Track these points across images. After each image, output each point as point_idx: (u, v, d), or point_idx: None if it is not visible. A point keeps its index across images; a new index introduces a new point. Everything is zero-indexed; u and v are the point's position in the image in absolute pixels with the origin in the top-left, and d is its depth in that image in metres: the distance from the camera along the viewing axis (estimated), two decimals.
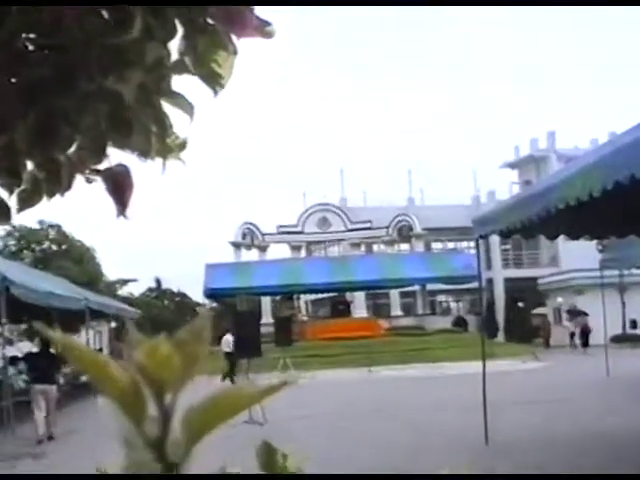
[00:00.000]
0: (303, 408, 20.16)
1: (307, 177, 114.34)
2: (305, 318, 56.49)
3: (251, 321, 22.10)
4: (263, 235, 56.74)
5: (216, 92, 2.36)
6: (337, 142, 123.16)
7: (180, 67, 2.33)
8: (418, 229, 57.27)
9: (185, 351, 0.95)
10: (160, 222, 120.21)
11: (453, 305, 74.21)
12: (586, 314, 48.60)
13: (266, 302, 54.56)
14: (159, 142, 2.44)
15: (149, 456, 0.94)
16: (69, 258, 52.93)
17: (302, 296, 58.91)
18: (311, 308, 68.57)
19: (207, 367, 1.28)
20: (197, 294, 65.21)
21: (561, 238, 14.50)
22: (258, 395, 0.97)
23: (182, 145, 2.51)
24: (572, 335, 51.33)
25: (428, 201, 70.66)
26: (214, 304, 56.41)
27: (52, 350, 17.71)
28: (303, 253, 59.91)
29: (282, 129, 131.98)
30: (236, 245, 56.37)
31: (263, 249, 56.88)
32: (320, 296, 62.01)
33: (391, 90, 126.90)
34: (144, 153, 2.43)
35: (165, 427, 0.94)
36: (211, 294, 50.58)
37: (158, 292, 76.39)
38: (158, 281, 76.73)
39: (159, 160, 2.50)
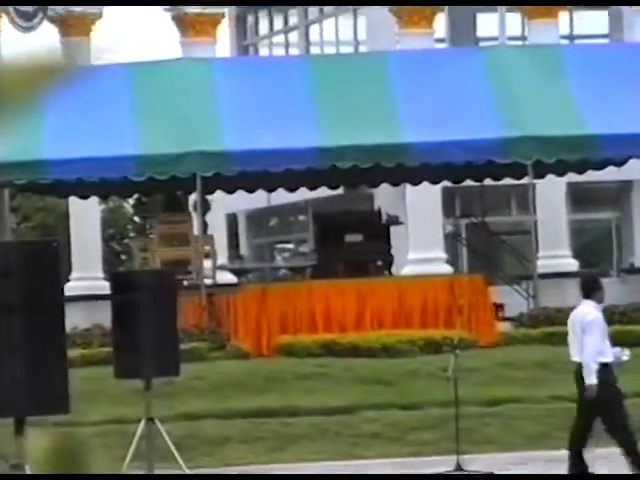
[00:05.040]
0: None
1: None
2: (233, 279, 21.43)
3: (26, 290, 6.00)
4: None
5: None
6: None
7: None
8: None
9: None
10: None
11: None
12: None
13: (85, 216, 21.26)
14: None
15: None
16: None
17: (217, 198, 21.37)
18: (249, 242, 28.76)
19: None
20: None
21: None
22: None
23: None
24: None
25: None
26: None
27: None
28: (226, 49, 25.89)
29: None
30: None
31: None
32: (283, 200, 24.55)
33: None
34: None
35: None
36: None
37: None
38: None
39: None
